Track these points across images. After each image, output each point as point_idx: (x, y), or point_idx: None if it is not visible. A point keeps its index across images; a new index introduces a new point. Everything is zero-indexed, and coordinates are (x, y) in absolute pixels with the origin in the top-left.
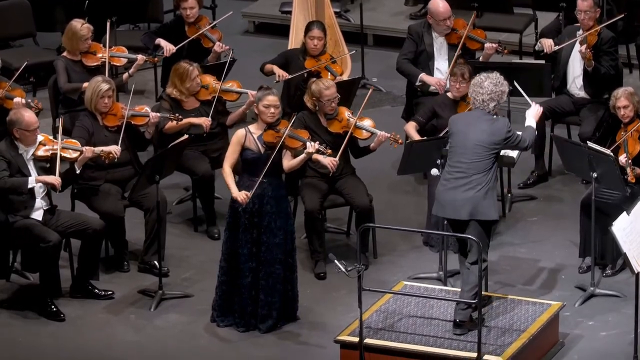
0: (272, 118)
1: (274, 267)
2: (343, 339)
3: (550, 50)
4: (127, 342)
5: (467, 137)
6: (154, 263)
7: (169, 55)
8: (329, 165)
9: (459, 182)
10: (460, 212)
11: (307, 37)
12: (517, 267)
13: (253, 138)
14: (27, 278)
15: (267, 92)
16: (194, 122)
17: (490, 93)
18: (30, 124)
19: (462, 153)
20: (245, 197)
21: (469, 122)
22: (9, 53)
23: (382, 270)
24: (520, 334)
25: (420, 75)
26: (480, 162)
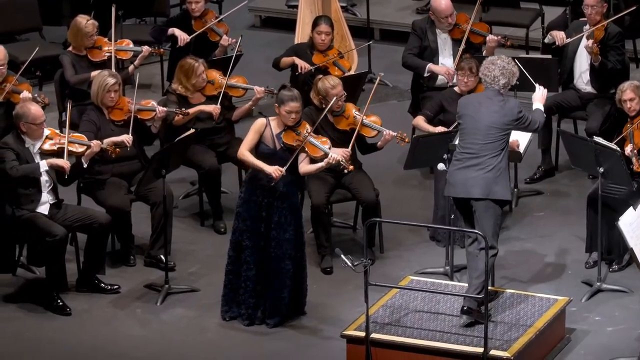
0: (292, 122)
1: (284, 262)
2: (349, 333)
3: (562, 43)
4: (133, 336)
5: (479, 118)
6: (160, 257)
7: (183, 44)
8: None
9: (471, 162)
10: (471, 190)
11: (315, 32)
12: (524, 262)
13: (271, 133)
14: (33, 272)
15: (290, 96)
16: (204, 109)
17: (501, 69)
18: (36, 117)
19: (474, 134)
20: (280, 172)
21: (480, 104)
22: (15, 47)
23: (389, 265)
24: (527, 329)
25: (427, 66)
26: (493, 144)
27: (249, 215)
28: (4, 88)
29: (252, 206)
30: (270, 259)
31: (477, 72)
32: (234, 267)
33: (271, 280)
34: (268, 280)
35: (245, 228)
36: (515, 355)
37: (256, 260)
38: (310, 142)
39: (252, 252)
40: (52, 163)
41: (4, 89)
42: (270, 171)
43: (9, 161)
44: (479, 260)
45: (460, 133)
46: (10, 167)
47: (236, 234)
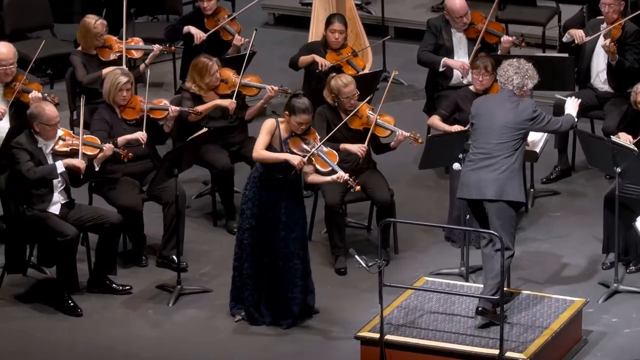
0: (301, 132)
1: (292, 261)
2: (363, 335)
3: (581, 41)
4: (145, 337)
5: (493, 118)
6: (172, 258)
7: (199, 42)
8: (358, 152)
9: (484, 162)
10: (485, 192)
11: (328, 31)
12: (540, 263)
13: (280, 137)
14: (44, 272)
15: (303, 108)
16: (220, 103)
17: (516, 69)
18: (51, 118)
19: (488, 134)
20: (303, 163)
21: (495, 103)
22: (26, 45)
23: (403, 266)
24: (543, 330)
25: (442, 60)
26: (506, 144)
27: (252, 214)
28: (14, 87)
29: (256, 204)
30: (277, 258)
31: (493, 70)
32: (239, 264)
33: (280, 280)
34: (276, 281)
35: (248, 226)
36: (531, 357)
37: (256, 259)
38: (319, 157)
39: (252, 250)
40: (68, 163)
41: (14, 89)
42: (295, 163)
43: (24, 162)
44: (495, 261)
45: (473, 133)
46: (27, 169)
47: (240, 231)
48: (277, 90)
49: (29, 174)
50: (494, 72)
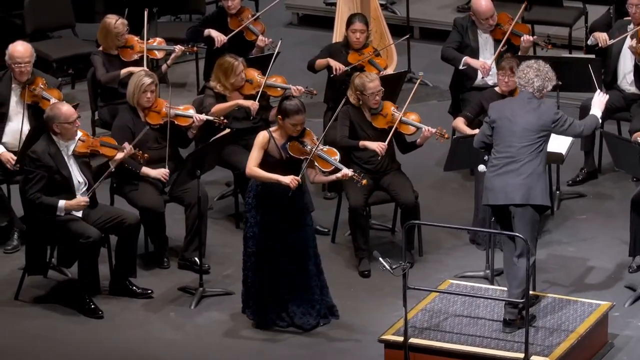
0: (297, 133)
1: (306, 263)
2: (387, 338)
3: (605, 45)
4: (167, 340)
5: (515, 121)
6: (194, 260)
7: (220, 46)
8: (377, 149)
9: (509, 167)
10: (512, 196)
11: (349, 31)
12: (566, 266)
13: (276, 144)
14: (65, 274)
15: (295, 109)
16: (242, 103)
17: (536, 71)
18: (69, 115)
19: (510, 138)
20: (296, 181)
21: (515, 106)
22: (48, 44)
23: (428, 269)
24: (569, 334)
25: (464, 59)
26: (530, 146)
27: (256, 222)
28: (33, 92)
29: (260, 213)
30: (290, 262)
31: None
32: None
33: (296, 283)
34: (292, 284)
35: (252, 235)
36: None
37: (260, 268)
38: (321, 157)
39: (256, 259)
40: (70, 207)
41: (32, 92)
42: (287, 182)
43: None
44: (518, 269)
45: (495, 138)
46: (34, 192)
47: (244, 239)
48: (302, 90)
49: (33, 197)
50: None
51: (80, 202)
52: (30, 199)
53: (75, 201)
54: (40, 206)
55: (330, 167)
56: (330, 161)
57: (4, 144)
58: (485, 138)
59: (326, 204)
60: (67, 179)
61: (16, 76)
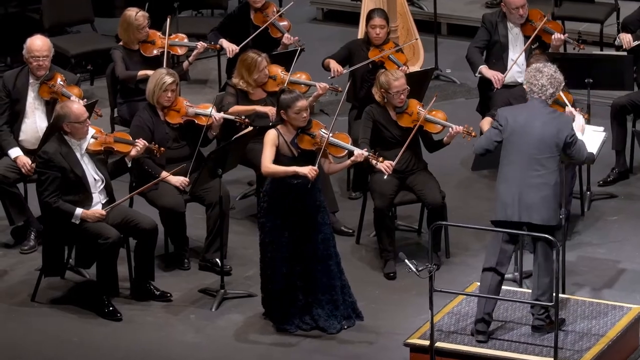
0: (305, 122)
1: (326, 263)
2: (413, 342)
3: (629, 47)
4: (187, 343)
5: (531, 131)
6: (215, 261)
7: (231, 56)
8: (384, 170)
9: (528, 181)
10: (533, 214)
11: (369, 26)
12: (596, 269)
13: (285, 142)
14: (83, 275)
15: (293, 97)
16: (260, 110)
17: (549, 77)
18: (79, 115)
19: (526, 149)
20: (315, 171)
21: (530, 115)
22: (66, 40)
23: (455, 271)
24: (599, 338)
25: (480, 67)
26: (550, 159)
27: (273, 226)
28: (52, 88)
29: (276, 217)
30: (311, 263)
31: None
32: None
33: (318, 284)
34: (313, 287)
35: (270, 239)
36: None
37: (279, 273)
38: (332, 144)
39: (276, 263)
40: (87, 216)
41: (52, 89)
42: (306, 172)
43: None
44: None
45: (507, 147)
46: (49, 195)
47: (262, 245)
48: (326, 87)
49: (50, 200)
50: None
51: (96, 214)
52: (45, 202)
53: (91, 212)
54: (57, 211)
55: (344, 153)
56: (343, 145)
57: (21, 141)
58: (491, 145)
59: (351, 204)
60: (81, 178)
61: (34, 71)
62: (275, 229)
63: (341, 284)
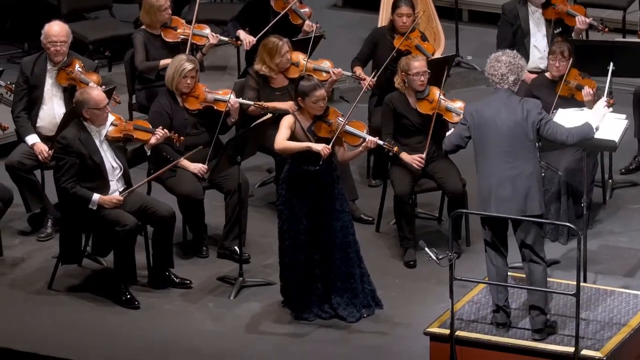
0: (320, 111)
1: (346, 251)
2: (433, 330)
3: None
4: (205, 331)
5: (500, 122)
6: (234, 249)
7: (249, 48)
8: (416, 165)
9: (504, 173)
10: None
11: (395, 15)
12: (618, 257)
13: (302, 128)
14: (100, 263)
15: (311, 85)
16: (279, 107)
17: (508, 65)
18: (99, 101)
19: (499, 142)
20: (328, 150)
21: (496, 107)
22: (84, 26)
23: (475, 259)
24: (621, 327)
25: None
26: (521, 149)
27: (291, 213)
28: (70, 74)
29: (295, 204)
30: (330, 251)
31: (570, 56)
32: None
33: (337, 273)
34: (332, 275)
35: (288, 227)
36: (608, 355)
37: (298, 261)
38: (348, 132)
39: (295, 251)
40: (104, 201)
41: (70, 75)
42: (319, 149)
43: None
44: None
45: (478, 143)
46: (67, 180)
47: (280, 232)
48: (341, 73)
49: (67, 186)
50: (571, 57)
51: (114, 199)
52: (63, 187)
53: (109, 198)
54: (74, 196)
55: (359, 141)
56: (358, 134)
57: (39, 128)
58: (461, 141)
59: (371, 191)
60: (99, 164)
61: (51, 57)
62: (293, 216)
63: (360, 272)
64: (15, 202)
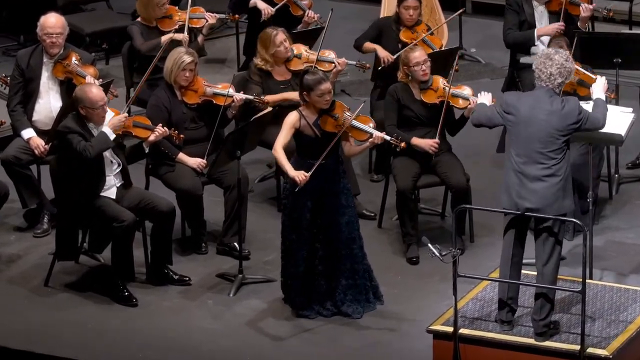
0: (327, 104)
1: (351, 247)
2: (436, 328)
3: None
4: (204, 329)
5: (535, 122)
6: (233, 245)
7: (267, 18)
8: (429, 149)
9: (537, 173)
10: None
11: (402, 7)
12: (624, 254)
13: (307, 122)
14: (97, 259)
15: (317, 79)
16: (288, 97)
17: (559, 66)
18: (95, 101)
19: (530, 142)
20: (305, 178)
21: (534, 105)
22: (81, 17)
23: (479, 255)
24: (627, 325)
25: (535, 32)
26: (554, 150)
27: (296, 207)
28: (67, 67)
29: (299, 198)
30: (335, 247)
31: (568, 49)
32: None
33: (341, 268)
34: (335, 271)
35: (291, 222)
36: (615, 353)
37: (300, 256)
38: (354, 127)
39: (297, 246)
40: (114, 124)
41: (67, 68)
42: (294, 175)
43: (77, 143)
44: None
45: (512, 137)
46: (83, 148)
47: (283, 227)
48: (345, 62)
49: (87, 153)
50: (570, 50)
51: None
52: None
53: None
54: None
55: (366, 136)
56: (365, 129)
57: (35, 122)
58: (490, 123)
59: (373, 186)
60: (97, 161)
61: (47, 49)
62: (298, 210)
63: (363, 267)
64: (11, 198)
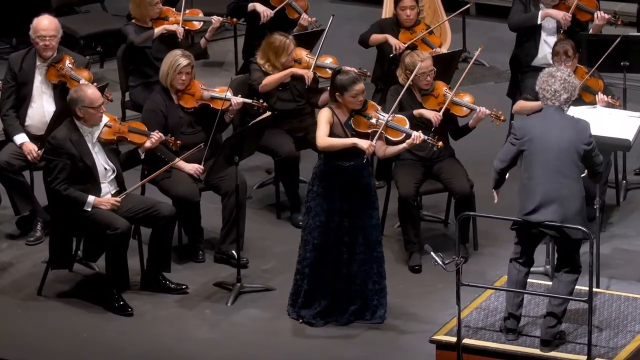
0: (360, 105)
1: (377, 250)
2: (439, 338)
3: None
4: (201, 339)
5: (549, 139)
6: (231, 253)
7: (266, 21)
8: (433, 118)
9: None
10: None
11: (398, 8)
12: (632, 262)
13: (340, 122)
14: (92, 268)
15: (350, 79)
16: (297, 72)
17: (563, 82)
18: (94, 100)
19: (546, 161)
20: (373, 147)
21: (546, 125)
22: (75, 20)
23: (483, 263)
24: (635, 335)
25: (540, 12)
26: (571, 166)
27: (322, 210)
28: (60, 71)
29: (327, 200)
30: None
31: (574, 54)
32: (303, 268)
33: (367, 272)
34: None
35: (318, 224)
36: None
37: (323, 261)
38: (391, 127)
39: (321, 251)
40: (100, 203)
41: (60, 72)
42: (365, 146)
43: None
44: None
45: (525, 161)
46: (59, 183)
47: (306, 230)
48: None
49: (60, 188)
50: (576, 55)
51: (111, 201)
52: (55, 189)
53: (106, 199)
54: (67, 199)
55: (402, 136)
56: (402, 129)
57: (28, 127)
58: (508, 157)
59: None
60: (90, 167)
61: (41, 52)
62: (325, 213)
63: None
64: (3, 205)
